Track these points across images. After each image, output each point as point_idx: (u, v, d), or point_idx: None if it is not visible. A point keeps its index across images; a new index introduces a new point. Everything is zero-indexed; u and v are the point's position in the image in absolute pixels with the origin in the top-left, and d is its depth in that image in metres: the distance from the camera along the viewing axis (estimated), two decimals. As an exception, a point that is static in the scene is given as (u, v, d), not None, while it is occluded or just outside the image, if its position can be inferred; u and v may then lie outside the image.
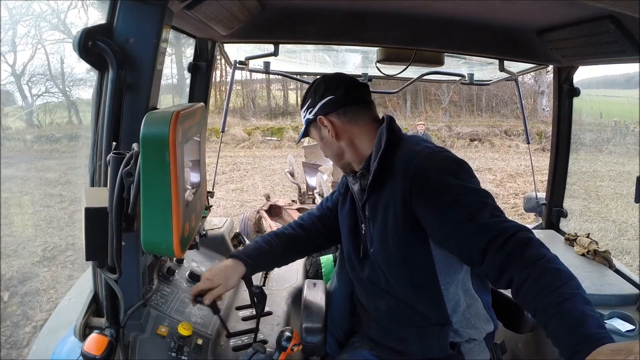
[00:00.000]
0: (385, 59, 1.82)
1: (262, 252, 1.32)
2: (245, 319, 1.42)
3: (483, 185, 1.08)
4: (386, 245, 1.14)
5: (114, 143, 0.93)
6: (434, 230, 1.06)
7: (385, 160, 1.13)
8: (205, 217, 1.77)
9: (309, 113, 1.24)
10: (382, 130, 1.18)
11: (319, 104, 1.22)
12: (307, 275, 1.82)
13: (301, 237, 1.41)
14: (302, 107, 1.28)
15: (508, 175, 10.09)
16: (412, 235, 1.10)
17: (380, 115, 1.26)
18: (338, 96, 1.21)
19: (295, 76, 2.40)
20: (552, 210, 2.18)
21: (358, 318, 1.36)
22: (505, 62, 1.84)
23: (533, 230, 1.03)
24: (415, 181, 1.05)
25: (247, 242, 2.03)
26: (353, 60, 2.32)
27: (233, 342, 1.30)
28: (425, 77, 2.22)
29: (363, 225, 1.24)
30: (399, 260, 1.14)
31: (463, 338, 1.18)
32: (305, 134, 1.31)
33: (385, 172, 1.13)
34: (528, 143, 2.51)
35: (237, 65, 1.99)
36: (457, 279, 1.15)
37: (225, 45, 1.84)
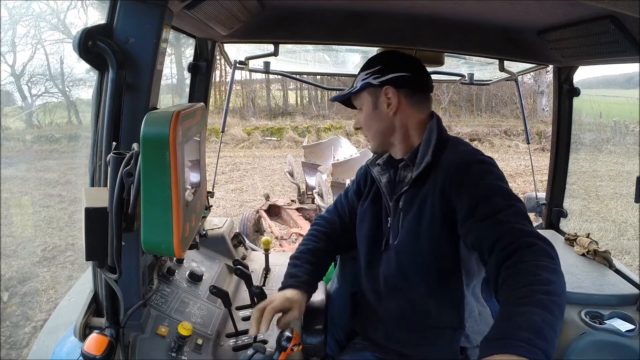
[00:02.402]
0: (385, 59, 1.82)
1: (313, 274, 1.29)
2: (245, 319, 1.42)
3: None
4: (417, 237, 1.13)
5: (114, 143, 0.94)
6: (461, 221, 1.06)
7: (435, 155, 1.14)
8: (205, 217, 1.77)
9: (374, 78, 1.20)
10: (433, 126, 1.19)
11: (392, 75, 1.19)
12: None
13: (330, 248, 1.37)
14: (363, 70, 1.23)
15: (508, 175, 10.07)
16: (445, 230, 1.10)
17: None
18: (413, 76, 1.20)
19: (295, 76, 2.40)
20: (552, 210, 2.18)
21: (362, 321, 1.34)
22: (505, 62, 1.84)
23: None
24: (457, 176, 1.08)
25: (247, 242, 2.03)
26: (353, 60, 2.32)
27: (233, 342, 1.30)
28: (425, 77, 2.22)
29: (389, 217, 1.22)
30: (427, 253, 1.13)
31: (472, 344, 1.18)
32: (351, 98, 1.26)
33: (431, 167, 1.14)
34: (528, 143, 2.51)
35: (237, 65, 1.99)
36: (475, 284, 1.16)
37: (225, 45, 1.84)
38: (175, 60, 14.35)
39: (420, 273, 1.16)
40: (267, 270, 1.80)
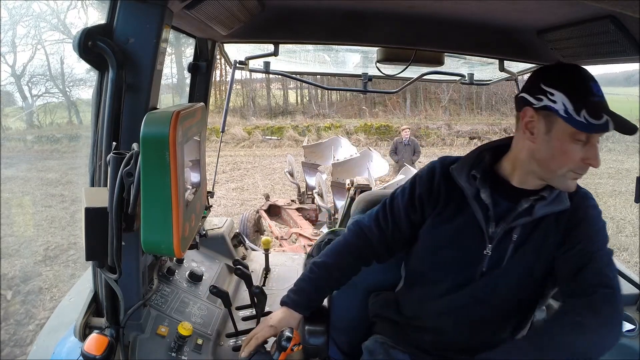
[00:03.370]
0: (385, 59, 1.82)
1: (317, 295, 1.26)
2: (245, 319, 1.42)
3: None
4: (532, 272, 1.12)
5: (114, 143, 0.94)
6: (561, 251, 1.11)
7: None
8: (205, 217, 1.77)
9: None
10: None
11: None
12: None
13: (357, 264, 1.29)
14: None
15: (508, 174, 10.05)
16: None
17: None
18: None
19: (295, 76, 2.40)
20: (552, 210, 2.17)
21: (397, 333, 1.27)
22: (505, 62, 1.84)
23: None
24: (577, 219, 1.12)
25: (247, 242, 2.03)
26: (353, 60, 2.31)
27: (233, 342, 1.30)
28: (425, 77, 2.22)
29: (490, 245, 1.14)
30: (532, 288, 1.14)
31: None
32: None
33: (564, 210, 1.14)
34: (528, 142, 2.49)
35: (237, 65, 1.99)
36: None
37: (225, 45, 1.84)
38: (175, 60, 14.35)
39: (512, 304, 1.16)
40: (267, 270, 1.81)
